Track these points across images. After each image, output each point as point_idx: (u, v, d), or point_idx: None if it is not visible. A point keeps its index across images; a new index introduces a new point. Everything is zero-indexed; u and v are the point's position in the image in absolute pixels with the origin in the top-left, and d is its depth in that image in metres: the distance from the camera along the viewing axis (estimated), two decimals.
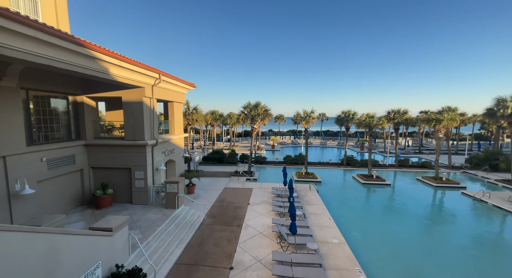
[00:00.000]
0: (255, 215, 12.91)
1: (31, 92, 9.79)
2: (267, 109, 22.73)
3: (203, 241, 10.04)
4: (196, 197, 15.24)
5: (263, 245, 9.88)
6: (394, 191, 18.62)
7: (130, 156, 12.23)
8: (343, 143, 45.73)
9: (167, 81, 13.68)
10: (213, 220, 12.20)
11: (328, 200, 16.13)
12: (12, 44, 5.72)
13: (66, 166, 10.97)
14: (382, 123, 21.94)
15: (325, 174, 23.40)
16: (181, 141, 17.24)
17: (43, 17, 10.70)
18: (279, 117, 60.74)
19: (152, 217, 10.81)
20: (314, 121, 22.43)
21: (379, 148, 41.46)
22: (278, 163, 27.70)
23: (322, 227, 11.70)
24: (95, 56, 8.32)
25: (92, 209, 11.59)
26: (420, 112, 38.34)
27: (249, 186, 18.42)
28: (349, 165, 26.53)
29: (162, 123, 16.17)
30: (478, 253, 10.18)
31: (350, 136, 54.35)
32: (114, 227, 6.92)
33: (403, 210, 14.92)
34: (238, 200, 15.27)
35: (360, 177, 21.27)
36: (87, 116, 12.48)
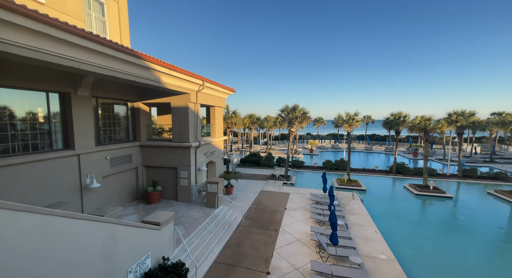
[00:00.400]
0: (293, 221, 12.55)
1: (99, 100, 11.48)
2: (305, 112, 22.13)
3: (241, 243, 10.17)
4: (234, 198, 15.61)
5: (301, 253, 9.50)
6: (457, 206, 15.98)
7: (176, 156, 13.25)
8: (392, 149, 41.50)
9: (209, 87, 14.48)
10: (250, 222, 12.29)
11: (374, 210, 14.73)
12: (86, 59, 6.77)
13: (124, 164, 12.47)
14: (441, 126, 19.18)
15: (370, 181, 21.52)
16: (221, 143, 17.98)
17: (110, 34, 12.49)
18: (318, 120, 58.51)
19: (194, 215, 11.45)
20: (358, 125, 20.89)
21: (436, 155, 36.34)
22: (317, 168, 26.61)
23: (367, 239, 10.70)
24: (149, 67, 9.30)
25: (144, 204, 12.88)
26: (491, 114, 32.33)
27: (286, 190, 18.08)
28: (399, 173, 23.88)
29: (204, 127, 17.14)
30: None
31: (400, 141, 49.03)
32: (162, 221, 7.52)
33: (470, 228, 12.65)
34: (274, 204, 15.10)
35: (413, 187, 18.91)
36: (142, 121, 14.01)
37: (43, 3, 8.43)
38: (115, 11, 12.54)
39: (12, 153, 7.73)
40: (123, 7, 12.98)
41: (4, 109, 7.60)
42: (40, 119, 8.70)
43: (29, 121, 8.32)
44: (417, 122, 19.54)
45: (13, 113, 7.84)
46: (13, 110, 7.84)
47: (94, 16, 11.45)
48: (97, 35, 6.62)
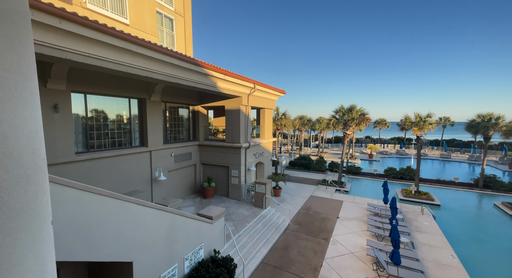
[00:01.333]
0: (345, 231, 11.57)
1: (167, 104, 13.18)
2: (364, 113, 20.22)
3: (288, 247, 9.97)
4: (282, 201, 15.47)
5: (355, 267, 8.65)
6: None
7: (228, 156, 14.02)
8: (478, 157, 33.79)
9: (260, 90, 14.81)
10: (298, 227, 11.94)
11: (450, 230, 12.26)
12: (157, 69, 7.86)
13: (185, 160, 13.95)
14: None
15: (446, 195, 18.01)
16: (270, 145, 18.13)
17: (177, 46, 14.22)
18: (379, 122, 52.60)
19: (244, 213, 11.85)
20: (432, 128, 17.70)
21: None
22: (377, 176, 23.90)
23: (439, 264, 8.95)
24: (207, 73, 10.15)
25: (200, 198, 14.10)
26: None
27: (339, 197, 16.84)
28: (488, 187, 19.22)
29: (254, 128, 17.61)
30: None
31: (490, 149, 39.49)
32: (214, 216, 8.05)
33: None
34: (325, 211, 14.26)
35: (508, 207, 14.91)
36: (201, 122, 15.40)
37: (127, 24, 10.24)
38: (182, 25, 14.20)
39: (104, 148, 9.63)
40: (188, 21, 14.60)
41: (100, 113, 9.54)
42: (124, 121, 10.58)
43: (116, 122, 10.20)
44: None
45: (106, 116, 9.76)
46: (106, 113, 9.76)
47: (165, 31, 13.23)
48: (166, 48, 7.62)
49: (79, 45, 5.55)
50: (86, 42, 5.66)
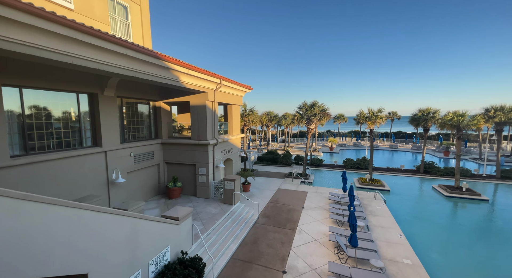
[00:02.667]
0: (310, 220, 12.31)
1: (124, 100, 12.11)
2: (324, 109, 21.49)
3: (257, 240, 10.21)
4: (251, 196, 15.70)
5: (318, 253, 9.29)
6: (495, 210, 14.57)
7: (195, 153, 13.60)
8: (419, 147, 38.92)
9: (226, 85, 14.60)
10: (266, 220, 12.28)
11: (398, 212, 13.95)
12: (110, 61, 7.14)
13: (147, 160, 13.08)
14: (476, 123, 17.51)
15: (395, 181, 20.40)
16: (238, 141, 18.12)
17: (133, 37, 13.08)
18: (338, 117, 56.62)
19: (212, 211, 11.70)
20: (382, 121, 19.78)
21: (471, 154, 33.41)
22: (337, 167, 25.82)
23: (390, 243, 10.17)
24: (169, 67, 9.59)
25: (165, 199, 13.44)
26: None
27: (304, 189, 17.78)
28: (427, 173, 22.36)
29: (222, 125, 17.38)
30: None
31: (429, 139, 45.79)
32: (181, 216, 7.77)
33: (509, 235, 11.46)
34: (292, 202, 14.93)
35: (443, 188, 17.60)
36: (163, 119, 14.55)
37: (72, 9, 9.03)
38: (138, 14, 13.07)
39: (47, 150, 8.46)
40: (145, 10, 13.50)
41: (41, 110, 8.31)
42: (73, 119, 9.40)
43: (63, 120, 9.02)
44: (449, 119, 18.03)
45: (49, 113, 8.54)
46: (49, 110, 8.54)
47: (119, 19, 12.04)
48: (120, 38, 6.94)
49: (10, 31, 4.72)
50: (19, 27, 4.84)
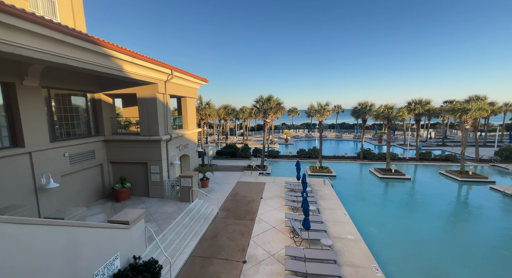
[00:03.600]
0: (268, 209, 12.88)
1: (52, 91, 10.25)
2: (279, 102, 22.34)
3: (217, 234, 10.20)
4: (210, 191, 15.48)
5: (276, 239, 9.85)
6: (415, 186, 17.78)
7: (146, 151, 12.57)
8: (359, 136, 44.23)
9: (179, 76, 13.77)
10: (226, 213, 12.34)
11: (343, 194, 15.73)
12: (30, 44, 5.91)
13: (86, 160, 11.50)
14: (402, 114, 20.80)
15: (340, 168, 22.82)
16: (194, 135, 17.46)
17: (61, 17, 11.05)
18: (292, 110, 59.74)
19: (168, 210, 11.12)
20: (329, 114, 21.73)
21: (398, 141, 39.68)
22: (292, 157, 27.41)
23: (336, 222, 11.45)
24: (109, 54, 8.48)
25: (112, 202, 12.13)
26: (444, 102, 35.89)
27: (262, 180, 18.40)
28: (365, 158, 25.67)
29: (176, 119, 16.44)
30: (507, 252, 9.47)
31: (367, 129, 52.41)
32: (131, 220, 7.16)
33: (425, 206, 14.20)
34: (251, 194, 15.31)
35: (377, 171, 20.51)
36: (105, 113, 12.92)
37: None
38: None
39: None
40: None
41: None
42: None
43: None
44: (381, 111, 20.96)
45: None
46: None
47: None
48: (42, 17, 5.78)
49: None
50: None
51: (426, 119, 40.11)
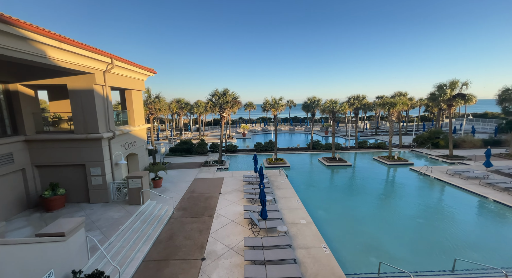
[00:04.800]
0: (227, 204, 12.93)
1: None
2: (235, 97, 22.28)
3: (173, 235, 9.76)
4: (164, 191, 14.61)
5: (235, 232, 10.01)
6: (354, 171, 20.32)
7: (84, 151, 10.99)
8: (309, 129, 47.79)
9: (121, 66, 12.34)
10: (183, 212, 11.88)
11: (296, 183, 16.90)
12: None
13: (2, 166, 9.40)
14: (343, 108, 23.29)
15: (293, 158, 24.35)
16: (143, 132, 16.06)
17: None
18: (248, 104, 60.25)
19: (114, 216, 10.07)
20: (283, 108, 22.79)
21: (341, 132, 44.39)
22: (249, 151, 27.89)
23: (291, 209, 12.27)
24: (27, 36, 7.00)
25: (40, 212, 10.29)
26: (376, 98, 41.60)
27: (220, 175, 18.27)
28: (315, 149, 27.97)
29: (120, 114, 14.78)
30: (422, 220, 11.81)
31: (316, 122, 56.90)
32: (67, 230, 6.24)
33: (362, 187, 16.42)
34: (209, 190, 15.07)
35: (324, 160, 22.63)
36: (25, 108, 10.72)
37: None
38: None
39: None
40: None
41: None
42: None
43: None
44: (327, 105, 23.07)
45: None
46: None
47: None
48: None
49: None
50: None
51: (363, 112, 45.86)
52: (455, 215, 12.22)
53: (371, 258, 8.68)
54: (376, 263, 8.09)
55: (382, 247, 9.52)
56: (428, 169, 18.74)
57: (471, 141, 26.69)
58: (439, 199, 14.57)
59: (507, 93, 21.95)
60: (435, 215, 12.37)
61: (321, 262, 8.04)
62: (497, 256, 8.76)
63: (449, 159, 21.74)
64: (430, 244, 9.67)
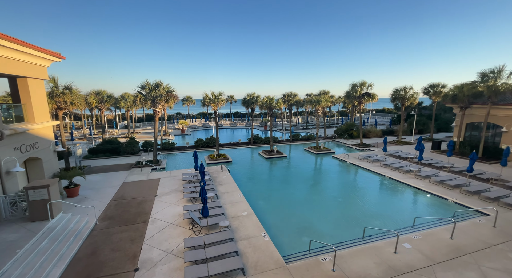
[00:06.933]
0: (164, 206, 12.00)
1: None
2: (171, 90, 20.61)
3: (97, 250, 8.40)
4: (82, 200, 12.34)
5: (174, 235, 9.43)
6: (290, 162, 22.25)
7: None
8: (250, 124, 49.23)
9: (7, 46, 9.48)
10: (109, 222, 10.34)
11: (238, 177, 17.21)
12: None
13: None
14: (279, 104, 24.99)
15: (235, 153, 24.64)
16: (48, 130, 12.97)
17: None
18: (187, 99, 57.18)
19: (8, 238, 7.86)
20: (223, 104, 22.57)
21: (278, 126, 47.65)
22: (189, 148, 26.56)
23: (233, 203, 12.44)
24: None
25: None
26: (306, 95, 46.41)
27: (156, 176, 16.75)
28: (255, 143, 29.08)
29: (12, 108, 11.47)
30: (342, 199, 14.03)
31: (256, 117, 59.07)
32: None
33: (296, 176, 18.18)
34: (142, 193, 13.60)
35: (264, 153, 23.86)
36: None
37: None
38: None
39: None
40: None
41: None
42: None
43: None
44: (265, 101, 24.23)
45: None
46: None
47: None
48: None
49: None
50: None
51: (295, 108, 50.45)
52: (364, 191, 15.07)
53: (303, 238, 9.76)
54: (307, 242, 9.15)
55: (312, 227, 10.85)
56: (346, 156, 22.33)
57: (374, 131, 33.21)
58: (353, 180, 17.61)
59: (396, 93, 28.25)
60: (350, 193, 14.91)
61: (261, 249, 8.52)
62: (392, 221, 11.31)
63: (360, 146, 26.50)
64: (347, 218, 11.63)
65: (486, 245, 8.72)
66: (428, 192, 14.11)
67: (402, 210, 12.55)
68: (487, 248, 8.54)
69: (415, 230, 10.18)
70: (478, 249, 8.45)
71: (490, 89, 18.55)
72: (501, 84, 18.26)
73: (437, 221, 10.88)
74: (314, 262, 7.90)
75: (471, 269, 7.50)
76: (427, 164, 19.04)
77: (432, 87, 28.73)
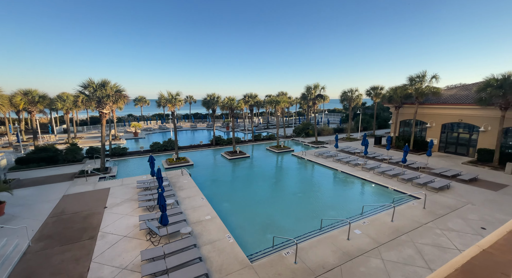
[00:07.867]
0: (116, 218, 10.88)
1: None
2: (120, 89, 18.78)
3: (32, 275, 7.14)
4: (10, 219, 10.35)
5: (129, 248, 8.65)
6: (252, 161, 22.57)
7: None
8: (211, 125, 48.18)
9: None
10: (46, 242, 8.90)
11: (201, 181, 16.69)
12: None
13: None
14: (240, 105, 25.09)
15: (196, 156, 23.83)
16: None
17: None
18: (140, 99, 52.77)
19: None
20: (182, 104, 21.55)
21: (240, 127, 47.81)
22: (144, 152, 24.61)
23: (195, 208, 12.01)
24: None
25: None
26: (266, 96, 47.73)
27: (105, 185, 15.06)
28: (218, 144, 28.61)
29: None
30: (301, 194, 14.86)
31: (217, 118, 58.11)
32: None
33: (259, 175, 18.55)
34: (88, 206, 12.07)
35: (227, 154, 23.66)
36: None
37: None
38: None
39: None
40: None
41: None
42: None
43: None
44: (226, 102, 24.04)
45: None
46: None
47: None
48: None
49: None
50: None
51: (256, 109, 51.41)
52: (320, 185, 16.27)
53: (267, 235, 10.03)
54: (271, 238, 9.43)
55: (275, 223, 11.23)
56: (303, 153, 23.72)
57: (327, 130, 36.12)
58: (311, 175, 18.84)
59: (345, 95, 31.28)
60: (308, 188, 15.93)
61: (226, 252, 8.45)
62: (345, 210, 12.47)
63: (315, 144, 28.49)
64: (307, 212, 12.39)
65: (418, 224, 10.34)
66: (372, 182, 16.01)
67: (352, 199, 13.96)
68: (420, 227, 10.13)
69: (364, 216, 11.45)
70: (412, 229, 9.96)
71: (417, 91, 22.09)
72: (425, 87, 21.94)
73: (380, 207, 12.43)
74: (278, 257, 8.20)
75: (408, 246, 8.81)
76: (371, 157, 21.57)
77: (373, 90, 32.62)
